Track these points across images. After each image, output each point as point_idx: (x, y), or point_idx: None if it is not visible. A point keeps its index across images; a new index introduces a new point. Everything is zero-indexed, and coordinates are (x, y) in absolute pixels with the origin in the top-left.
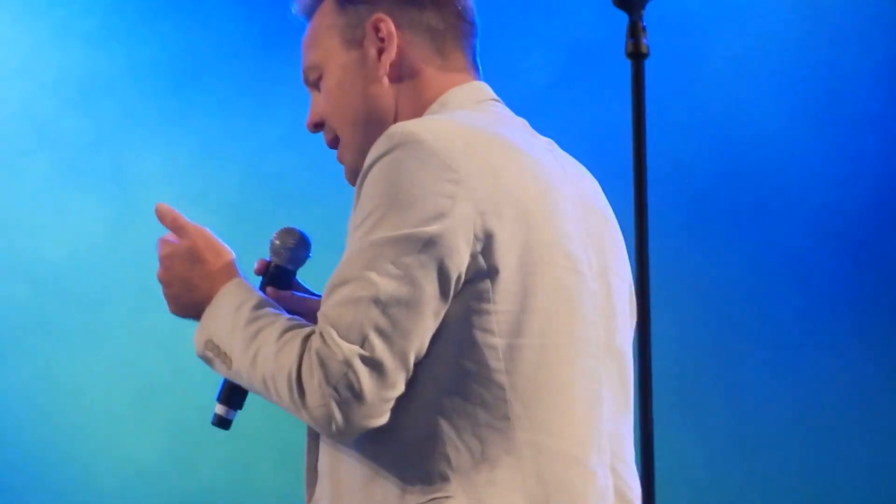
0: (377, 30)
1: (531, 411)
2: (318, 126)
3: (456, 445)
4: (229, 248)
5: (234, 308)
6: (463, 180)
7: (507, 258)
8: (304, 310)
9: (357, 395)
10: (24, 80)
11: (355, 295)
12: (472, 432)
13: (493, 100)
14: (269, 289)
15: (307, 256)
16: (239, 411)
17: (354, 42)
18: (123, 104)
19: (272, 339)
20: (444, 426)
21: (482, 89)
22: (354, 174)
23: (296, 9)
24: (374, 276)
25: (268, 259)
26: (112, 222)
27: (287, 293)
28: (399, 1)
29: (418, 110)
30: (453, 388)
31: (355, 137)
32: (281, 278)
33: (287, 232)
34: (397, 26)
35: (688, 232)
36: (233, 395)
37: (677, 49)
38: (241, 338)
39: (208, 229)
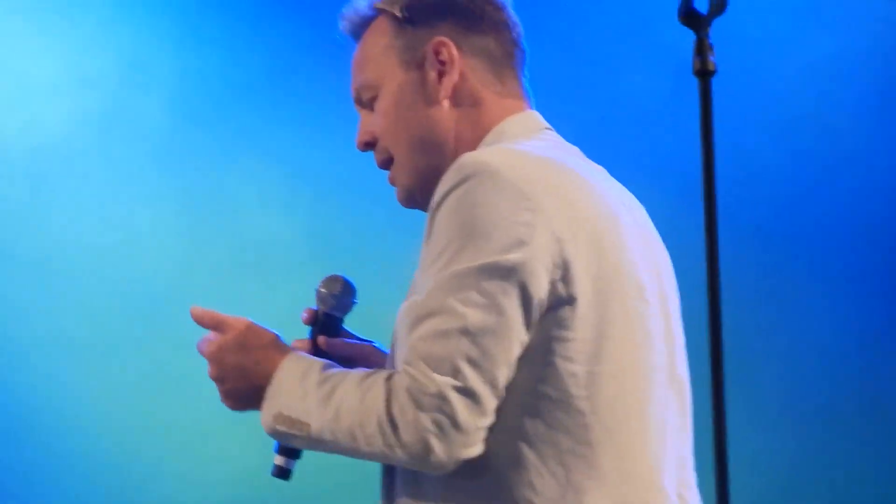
0: (438, 53)
1: (613, 438)
2: (368, 145)
3: (540, 472)
4: (270, 329)
5: (299, 377)
6: (539, 209)
7: (584, 286)
8: (357, 355)
9: (455, 425)
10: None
11: (443, 327)
12: (556, 459)
13: (547, 128)
14: (320, 337)
15: (354, 302)
16: (298, 461)
17: (413, 63)
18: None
19: (351, 390)
20: (529, 453)
21: (536, 118)
22: (409, 196)
23: (344, 27)
24: (459, 306)
25: (314, 308)
26: (225, 237)
27: (338, 341)
28: (460, 25)
29: (478, 135)
30: (536, 414)
31: (412, 159)
32: (330, 326)
33: (332, 280)
34: (458, 50)
35: (758, 248)
36: (291, 447)
37: (744, 66)
38: (316, 400)
39: (245, 318)
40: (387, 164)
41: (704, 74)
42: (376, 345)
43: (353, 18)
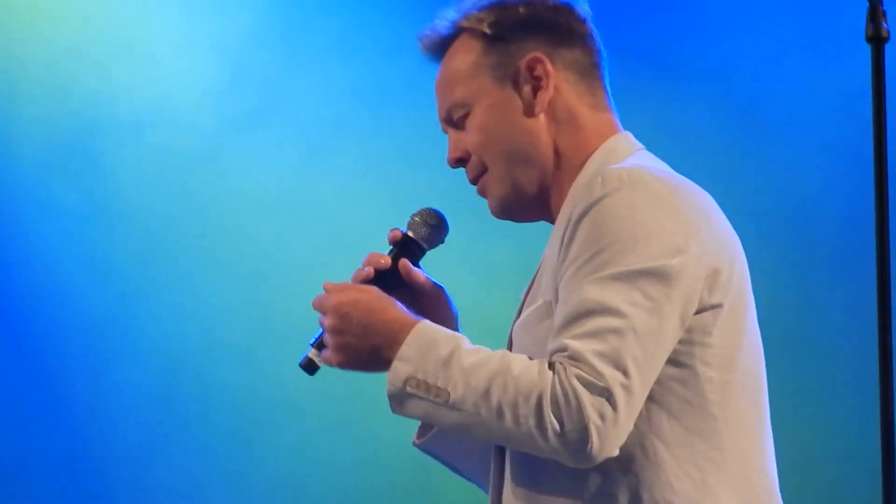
0: (532, 69)
1: (738, 444)
2: (460, 161)
3: (678, 473)
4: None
5: (438, 345)
6: (688, 220)
7: (726, 296)
8: (430, 293)
9: (616, 421)
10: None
11: (612, 325)
12: (692, 461)
13: (642, 148)
14: (403, 259)
15: (442, 240)
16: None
17: (507, 80)
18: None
19: (507, 368)
20: (666, 454)
21: (633, 138)
22: (505, 207)
23: (425, 45)
24: (625, 306)
25: (403, 231)
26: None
27: (417, 270)
28: (549, 40)
29: (582, 150)
30: (675, 416)
31: (511, 172)
32: (413, 252)
33: (430, 212)
34: (551, 64)
35: None
36: None
37: None
38: (460, 370)
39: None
40: (478, 178)
41: (878, 41)
42: (446, 293)
43: (433, 38)
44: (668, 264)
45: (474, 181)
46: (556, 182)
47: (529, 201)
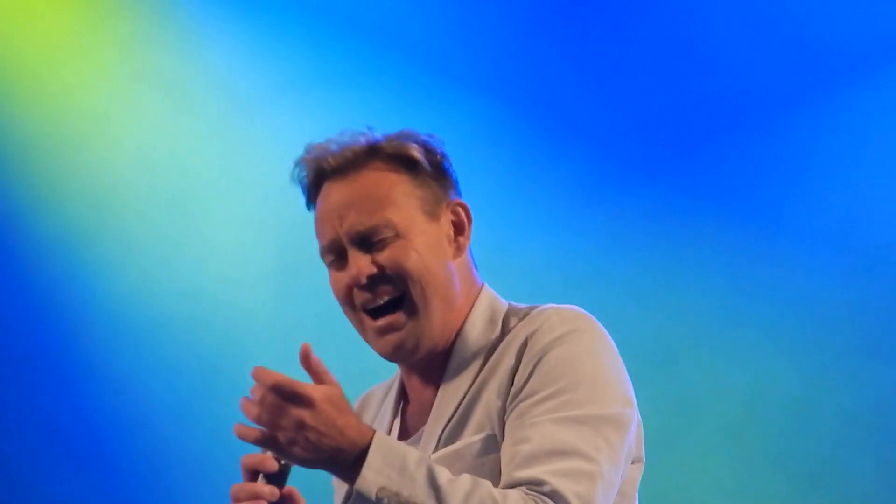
0: (456, 213)
1: None
2: (374, 279)
3: None
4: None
5: (403, 460)
6: (623, 367)
7: (642, 450)
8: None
9: None
10: None
11: (585, 469)
12: None
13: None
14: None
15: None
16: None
17: (435, 218)
18: None
19: (490, 496)
20: None
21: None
22: (415, 344)
23: (334, 161)
24: (594, 452)
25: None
26: None
27: None
28: (455, 189)
29: (470, 292)
30: None
31: (434, 308)
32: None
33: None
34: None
35: None
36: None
37: None
38: (429, 490)
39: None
40: (391, 305)
41: None
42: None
43: (345, 154)
44: (623, 413)
45: (383, 308)
46: (450, 323)
47: (435, 340)
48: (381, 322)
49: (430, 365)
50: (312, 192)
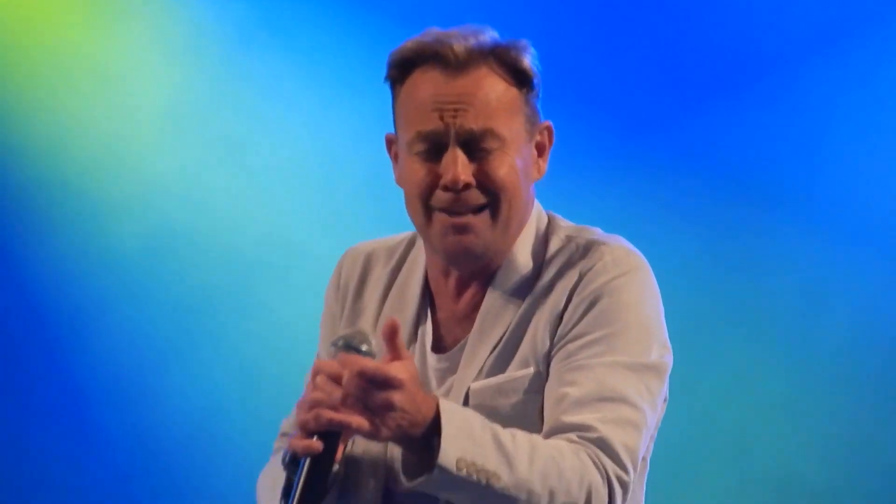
0: (542, 135)
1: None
2: (469, 186)
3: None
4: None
5: (470, 426)
6: (662, 313)
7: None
8: None
9: (623, 497)
10: None
11: (631, 417)
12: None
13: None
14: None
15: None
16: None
17: (531, 136)
18: None
19: (549, 456)
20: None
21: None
22: (486, 249)
23: (459, 53)
24: (639, 400)
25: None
26: None
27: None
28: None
29: (527, 212)
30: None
31: (512, 221)
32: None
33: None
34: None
35: None
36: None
37: None
38: (499, 455)
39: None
40: (477, 208)
41: None
42: None
43: (480, 50)
44: (662, 361)
45: (468, 211)
46: (512, 241)
47: (498, 254)
48: (462, 220)
49: (474, 276)
50: (409, 72)
